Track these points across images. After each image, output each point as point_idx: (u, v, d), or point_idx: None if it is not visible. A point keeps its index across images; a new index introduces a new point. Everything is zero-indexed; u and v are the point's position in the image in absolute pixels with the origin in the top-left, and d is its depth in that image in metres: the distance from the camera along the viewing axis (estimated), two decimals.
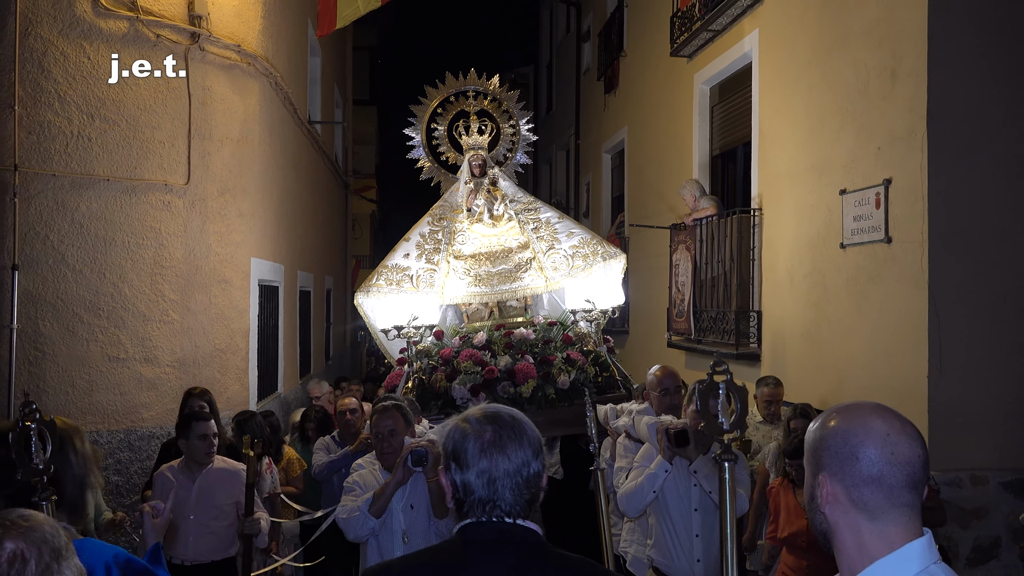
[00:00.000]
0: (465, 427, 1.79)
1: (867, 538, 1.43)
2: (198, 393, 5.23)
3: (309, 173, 10.88)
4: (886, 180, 5.30)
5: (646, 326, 10.33)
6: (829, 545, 1.49)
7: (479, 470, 1.74)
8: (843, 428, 1.47)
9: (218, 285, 6.90)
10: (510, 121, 6.76)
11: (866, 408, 1.50)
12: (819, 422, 1.53)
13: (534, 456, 1.78)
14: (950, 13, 4.98)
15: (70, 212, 6.25)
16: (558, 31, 17.34)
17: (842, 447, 1.45)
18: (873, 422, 1.46)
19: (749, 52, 7.55)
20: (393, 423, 3.92)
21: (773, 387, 5.89)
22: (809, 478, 1.51)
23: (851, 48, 5.80)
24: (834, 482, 1.45)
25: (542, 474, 1.80)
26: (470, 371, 5.70)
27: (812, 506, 1.50)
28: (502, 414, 1.81)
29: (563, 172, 16.63)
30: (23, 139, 6.09)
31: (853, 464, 1.43)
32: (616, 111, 12.27)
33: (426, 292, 6.27)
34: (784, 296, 6.75)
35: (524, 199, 6.62)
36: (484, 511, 1.75)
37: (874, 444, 1.43)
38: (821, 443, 1.48)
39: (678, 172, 9.15)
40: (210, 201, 6.84)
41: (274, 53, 8.19)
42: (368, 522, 3.71)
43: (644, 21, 10.79)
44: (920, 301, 5.00)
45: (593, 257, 6.31)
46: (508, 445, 1.76)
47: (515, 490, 1.75)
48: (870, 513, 1.43)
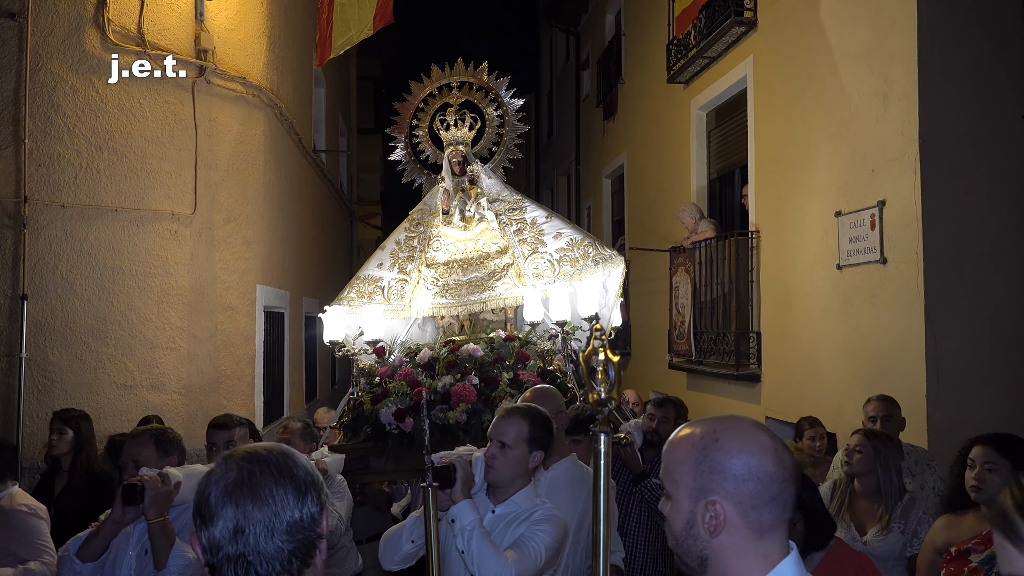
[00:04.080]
0: (214, 470, 1.46)
1: (752, 559, 1.36)
2: None
3: (314, 201, 11.02)
4: (880, 202, 5.39)
5: (648, 348, 10.39)
6: (703, 573, 1.39)
7: (224, 519, 1.40)
8: (737, 448, 1.37)
9: (224, 312, 7.00)
10: (498, 111, 5.92)
11: (745, 423, 1.43)
12: (698, 443, 1.40)
13: (301, 497, 1.44)
14: (939, 37, 5.10)
15: (79, 242, 6.36)
16: (558, 59, 17.58)
17: (740, 470, 1.36)
18: (762, 438, 1.39)
19: (744, 78, 7.68)
20: (138, 451, 3.11)
21: (813, 427, 5.44)
22: (684, 503, 1.40)
23: (843, 73, 5.92)
24: (729, 505, 1.35)
25: (318, 519, 1.46)
26: (400, 392, 4.97)
27: (691, 533, 1.39)
28: (262, 451, 1.47)
29: (564, 197, 16.78)
30: (33, 171, 6.21)
31: (753, 485, 1.35)
32: (615, 137, 12.42)
33: (396, 305, 5.67)
34: (783, 317, 6.82)
35: (510, 198, 5.82)
36: (235, 571, 1.40)
37: (771, 462, 1.36)
38: (711, 466, 1.37)
39: (677, 196, 9.26)
40: (216, 230, 6.96)
41: (279, 84, 8.35)
42: (73, 566, 2.88)
43: (641, 49, 10.96)
44: (916, 320, 5.07)
45: (583, 261, 5.41)
46: (262, 486, 1.42)
47: (273, 540, 1.40)
48: (760, 532, 1.36)
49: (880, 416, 4.46)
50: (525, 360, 5.13)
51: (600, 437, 1.90)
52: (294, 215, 9.31)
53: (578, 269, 5.38)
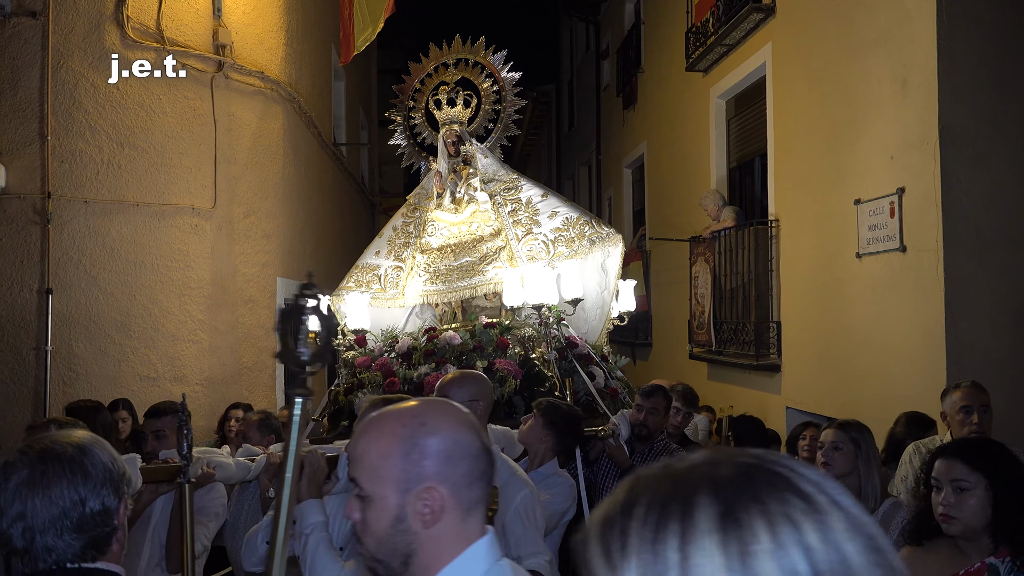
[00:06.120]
0: (8, 463, 1.50)
1: (452, 543, 1.28)
2: None
3: (334, 194, 11.09)
4: (900, 189, 5.32)
5: (669, 338, 10.36)
6: (404, 572, 1.28)
7: (10, 517, 1.44)
8: (447, 428, 1.31)
9: (245, 305, 7.08)
10: (494, 86, 5.62)
11: (442, 403, 1.40)
12: (402, 432, 1.31)
13: (95, 491, 1.48)
14: (959, 22, 5.01)
15: (101, 237, 6.46)
16: (578, 50, 17.51)
17: (453, 449, 1.29)
18: (463, 415, 1.36)
19: (763, 65, 7.61)
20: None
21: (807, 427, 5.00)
22: (391, 499, 1.28)
23: (862, 59, 5.85)
24: (445, 489, 1.27)
25: (113, 512, 1.50)
26: (374, 383, 4.85)
27: (399, 529, 1.27)
28: (58, 448, 1.50)
29: (585, 188, 16.74)
30: (56, 167, 6.31)
31: (467, 463, 1.30)
32: (635, 126, 12.36)
33: (392, 293, 5.52)
34: (803, 307, 6.77)
35: (506, 177, 5.53)
36: (23, 564, 1.45)
37: (476, 438, 1.33)
38: (422, 452, 1.28)
39: (697, 185, 9.20)
40: (236, 223, 7.03)
41: (297, 79, 8.40)
42: None
43: (660, 37, 10.88)
44: (936, 309, 5.00)
45: (579, 241, 5.10)
46: (53, 485, 1.45)
47: (63, 537, 1.45)
48: (468, 512, 1.29)
49: (977, 407, 3.63)
50: (504, 348, 4.88)
51: (296, 403, 1.57)
52: (314, 208, 9.38)
53: (574, 250, 5.12)
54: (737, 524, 0.66)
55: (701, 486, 0.70)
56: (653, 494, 0.71)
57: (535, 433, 3.56)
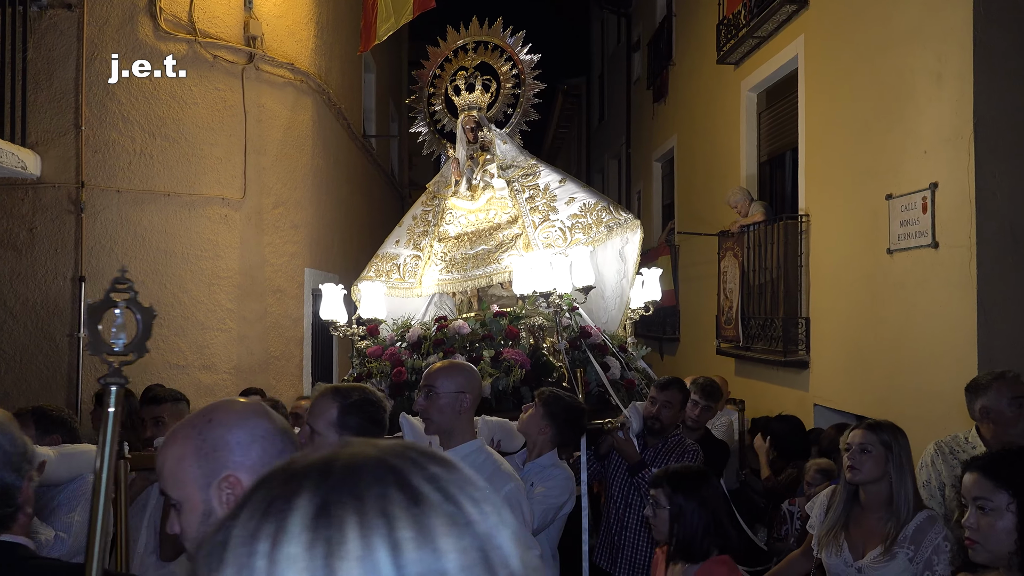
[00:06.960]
0: None
1: None
2: None
3: (363, 185, 11.15)
4: (932, 184, 5.22)
5: (696, 333, 10.29)
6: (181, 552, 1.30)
7: None
8: (233, 420, 1.41)
9: (273, 294, 7.15)
10: (513, 70, 5.47)
11: (229, 400, 1.50)
12: (191, 433, 1.40)
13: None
14: (995, 14, 4.90)
15: (133, 226, 6.56)
16: (609, 42, 17.42)
17: (243, 437, 1.39)
18: (250, 405, 1.46)
19: (795, 58, 7.51)
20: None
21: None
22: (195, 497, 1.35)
23: (895, 51, 5.74)
24: (243, 474, 1.35)
25: (15, 490, 1.61)
26: (383, 372, 4.80)
27: (209, 523, 1.32)
28: None
29: (615, 181, 16.66)
30: (89, 157, 6.42)
31: (259, 446, 1.39)
32: (665, 120, 12.27)
33: (410, 283, 5.45)
34: (832, 302, 6.68)
35: (525, 163, 5.39)
36: None
37: (266, 422, 1.42)
38: (213, 445, 1.37)
39: (727, 179, 9.12)
40: (265, 214, 7.10)
41: (327, 70, 8.45)
42: None
43: (692, 29, 10.79)
44: (968, 306, 4.91)
45: (597, 227, 4.94)
46: None
47: None
48: None
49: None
50: (514, 337, 4.74)
51: (110, 392, 1.47)
52: (343, 199, 9.44)
53: (591, 237, 4.96)
54: (328, 524, 0.60)
55: (307, 482, 0.63)
56: (265, 492, 0.64)
57: (535, 423, 3.47)
